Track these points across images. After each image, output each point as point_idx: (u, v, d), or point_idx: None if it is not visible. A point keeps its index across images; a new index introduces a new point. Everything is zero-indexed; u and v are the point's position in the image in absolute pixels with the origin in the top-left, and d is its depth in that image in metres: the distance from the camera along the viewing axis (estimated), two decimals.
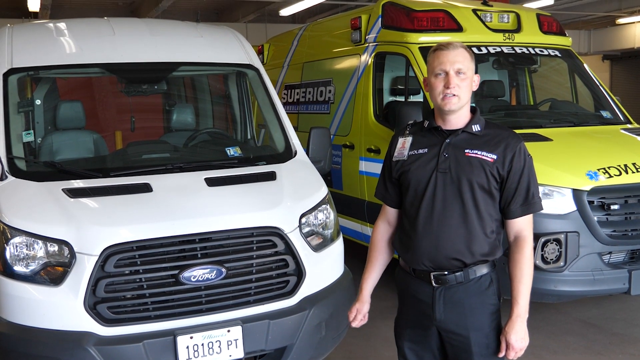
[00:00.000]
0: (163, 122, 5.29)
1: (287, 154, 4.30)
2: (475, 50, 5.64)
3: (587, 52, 21.78)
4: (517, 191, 2.48)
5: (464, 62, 2.45)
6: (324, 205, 3.87)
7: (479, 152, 2.47)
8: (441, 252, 2.49)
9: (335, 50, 7.03)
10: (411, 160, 2.57)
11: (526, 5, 11.74)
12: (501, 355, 2.52)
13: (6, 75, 4.05)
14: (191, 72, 5.27)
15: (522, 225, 2.52)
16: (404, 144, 2.62)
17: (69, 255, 3.19)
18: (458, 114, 2.51)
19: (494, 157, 2.46)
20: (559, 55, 6.43)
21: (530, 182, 2.50)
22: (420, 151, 2.56)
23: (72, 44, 4.33)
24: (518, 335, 2.47)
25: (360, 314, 2.77)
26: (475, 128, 2.52)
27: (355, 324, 2.78)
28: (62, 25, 4.50)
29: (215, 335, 3.26)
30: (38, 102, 4.56)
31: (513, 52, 6.14)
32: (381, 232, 2.78)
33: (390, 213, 2.74)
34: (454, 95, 2.44)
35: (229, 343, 3.29)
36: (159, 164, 3.96)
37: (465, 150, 2.49)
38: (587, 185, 4.69)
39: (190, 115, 5.09)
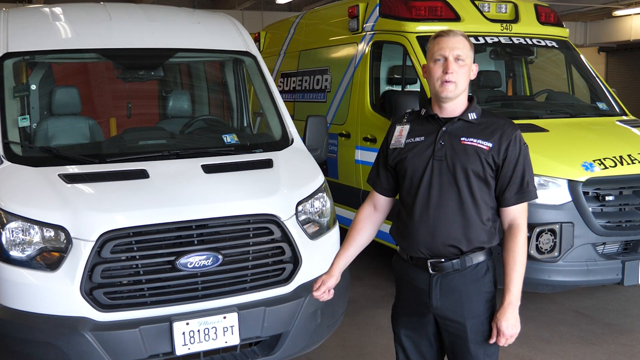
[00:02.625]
0: (159, 108, 5.27)
1: (284, 142, 4.29)
2: (472, 40, 5.58)
3: (583, 44, 21.77)
4: (512, 179, 2.49)
5: (463, 49, 2.46)
6: (320, 194, 3.87)
7: (475, 140, 2.48)
8: (438, 240, 2.50)
9: (332, 39, 7.01)
10: (408, 148, 2.58)
11: None
12: (492, 341, 2.54)
13: (1, 59, 4.03)
14: (188, 59, 5.25)
15: (517, 214, 2.53)
16: (402, 132, 2.63)
17: (65, 241, 3.19)
18: (455, 102, 2.52)
19: (490, 145, 2.47)
20: (556, 46, 6.43)
21: (525, 171, 2.51)
22: (417, 139, 2.57)
23: (68, 29, 4.31)
24: (509, 322, 2.49)
25: (324, 285, 2.71)
26: (472, 116, 2.53)
27: (317, 294, 2.72)
28: (57, 9, 4.46)
29: (212, 321, 3.27)
30: (33, 87, 4.53)
31: (510, 42, 6.14)
32: (364, 213, 2.77)
33: (377, 198, 2.76)
34: (452, 82, 2.45)
35: (225, 329, 3.30)
36: (155, 150, 3.95)
37: (461, 138, 2.49)
38: (582, 176, 4.71)
39: (187, 102, 5.07)
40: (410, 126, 2.62)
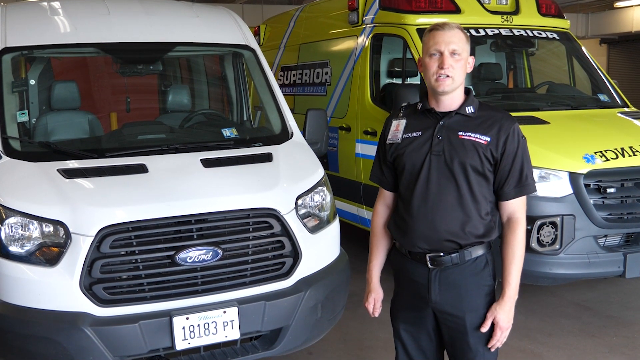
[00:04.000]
0: (158, 103, 5.25)
1: (284, 136, 4.28)
2: (473, 32, 5.60)
3: (585, 35, 21.67)
4: (510, 173, 2.48)
5: (459, 43, 2.44)
6: (320, 187, 3.86)
7: (473, 135, 2.47)
8: (436, 234, 2.49)
9: (332, 32, 6.99)
10: (405, 143, 2.56)
11: None
12: (484, 330, 2.52)
13: (0, 54, 4.01)
14: (187, 53, 5.22)
15: (515, 207, 2.52)
16: (398, 127, 2.61)
17: (64, 236, 3.18)
18: (452, 96, 2.50)
19: (488, 139, 2.46)
20: (557, 38, 6.40)
21: (523, 164, 2.49)
22: (414, 134, 2.56)
23: (66, 23, 4.29)
24: (507, 315, 2.50)
25: (378, 302, 2.80)
26: (469, 110, 2.52)
27: (377, 313, 2.82)
28: (56, 4, 4.44)
29: (211, 316, 3.26)
30: (32, 82, 4.51)
31: (511, 34, 6.11)
32: (381, 217, 2.78)
33: (387, 196, 2.74)
34: (448, 76, 2.43)
35: (225, 324, 3.29)
36: (154, 144, 3.94)
37: (459, 133, 2.48)
38: (583, 168, 4.69)
39: (186, 96, 5.05)
40: (406, 121, 2.60)
